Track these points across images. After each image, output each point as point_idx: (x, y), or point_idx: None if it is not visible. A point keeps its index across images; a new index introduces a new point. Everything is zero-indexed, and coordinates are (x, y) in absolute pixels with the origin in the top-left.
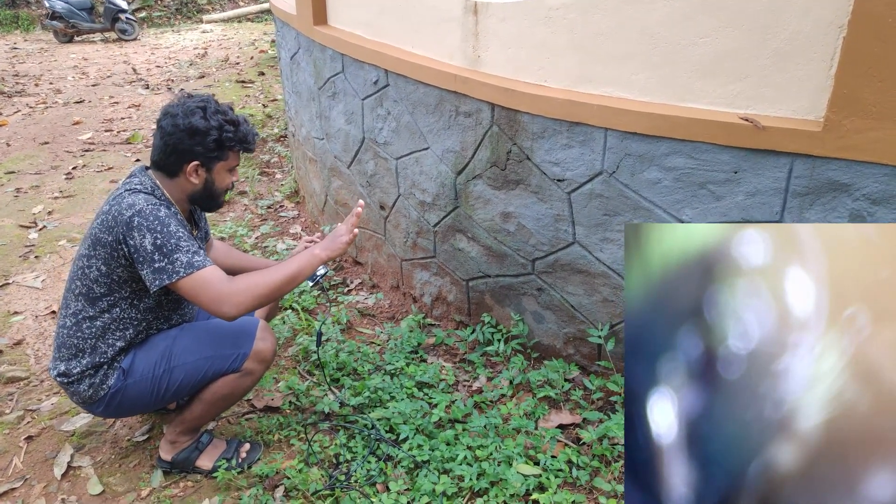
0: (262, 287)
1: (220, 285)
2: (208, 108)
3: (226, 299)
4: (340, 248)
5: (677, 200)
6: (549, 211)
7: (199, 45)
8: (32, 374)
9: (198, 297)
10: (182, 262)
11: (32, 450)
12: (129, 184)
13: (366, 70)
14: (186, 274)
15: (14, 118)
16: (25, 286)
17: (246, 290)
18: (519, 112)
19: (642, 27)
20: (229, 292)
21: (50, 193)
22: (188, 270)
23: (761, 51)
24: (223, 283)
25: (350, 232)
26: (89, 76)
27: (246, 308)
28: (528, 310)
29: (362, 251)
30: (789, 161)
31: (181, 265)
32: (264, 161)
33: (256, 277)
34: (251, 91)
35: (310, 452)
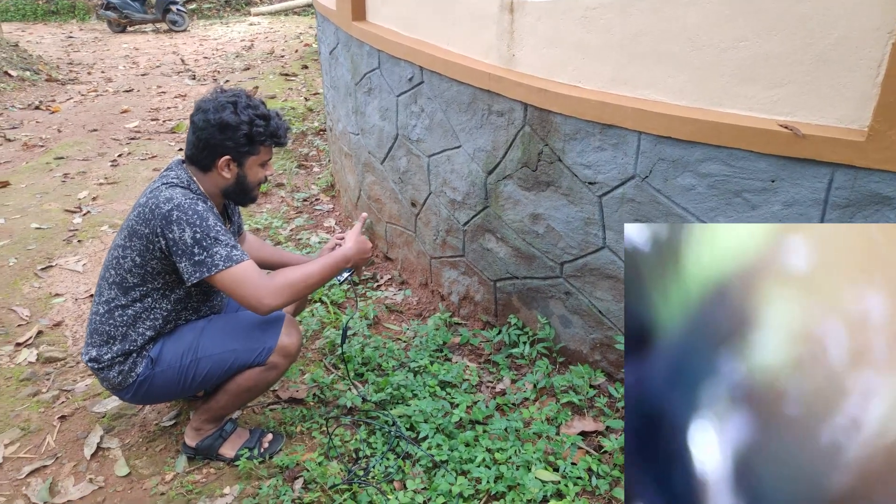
0: (298, 283)
1: (257, 280)
2: (239, 102)
3: (263, 293)
4: (367, 255)
5: (711, 208)
6: (579, 214)
7: (246, 38)
8: (69, 355)
9: (234, 291)
10: (221, 255)
11: (65, 429)
12: (166, 177)
13: (401, 67)
14: (225, 267)
15: (66, 105)
16: (67, 269)
17: (282, 285)
18: (552, 113)
19: (680, 29)
20: (266, 287)
21: (95, 179)
22: (227, 264)
23: (804, 56)
24: (261, 278)
25: (361, 241)
26: (139, 66)
27: (282, 303)
28: (556, 313)
29: (393, 247)
30: (830, 171)
31: (220, 258)
32: (303, 154)
33: (292, 273)
34: (294, 84)
35: (330, 446)
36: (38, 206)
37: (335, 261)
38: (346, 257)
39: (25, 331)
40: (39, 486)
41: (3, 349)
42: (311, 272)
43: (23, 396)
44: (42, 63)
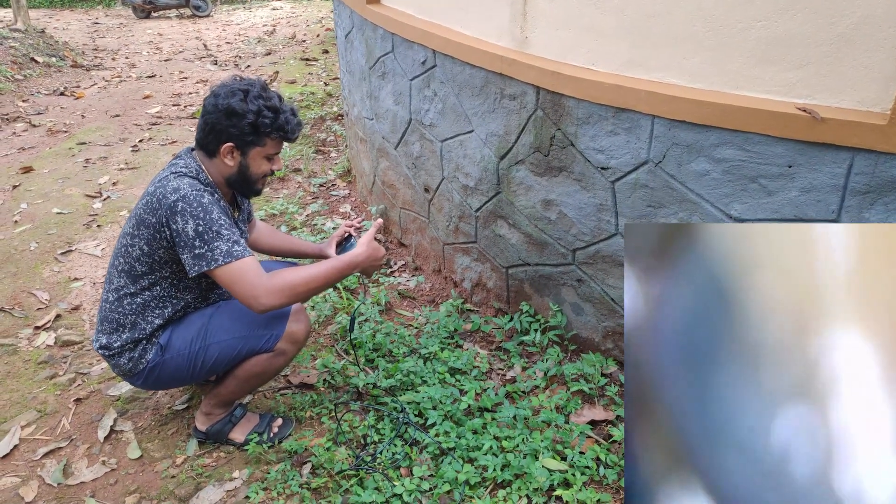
0: (298, 286)
1: (255, 278)
2: (251, 91)
3: (260, 292)
4: (378, 264)
5: (726, 194)
6: (591, 200)
7: (268, 23)
8: (86, 338)
9: (232, 287)
10: (221, 250)
11: (80, 412)
12: (175, 166)
13: (414, 50)
14: (224, 262)
15: (90, 91)
16: (87, 254)
17: (281, 286)
18: (564, 96)
19: (696, 9)
20: (263, 286)
21: (116, 165)
22: (227, 259)
23: (824, 36)
24: (259, 276)
25: (374, 247)
26: (162, 51)
27: (279, 304)
28: (567, 301)
29: (407, 233)
30: (850, 156)
31: (220, 253)
32: (320, 139)
33: (293, 274)
34: (314, 69)
35: (339, 432)
36: (59, 191)
37: (342, 266)
38: (355, 263)
39: (44, 314)
40: (54, 468)
41: (22, 332)
42: (315, 276)
43: (40, 379)
44: (68, 49)
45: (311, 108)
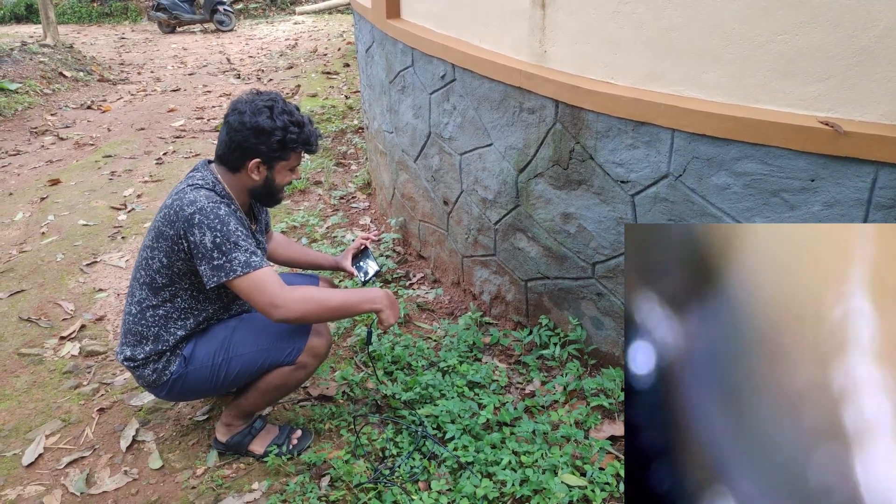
0: (314, 300)
1: (274, 288)
2: (275, 107)
3: (279, 302)
4: (392, 319)
5: (747, 208)
6: (611, 213)
7: (290, 37)
8: (110, 349)
9: (251, 297)
10: (240, 261)
11: (103, 421)
12: (192, 178)
13: (434, 64)
14: (243, 273)
15: (116, 104)
16: (111, 265)
17: (299, 298)
18: (583, 110)
19: (716, 22)
20: (282, 296)
21: (141, 177)
22: (245, 270)
23: (846, 49)
24: (278, 287)
25: (395, 301)
26: (187, 65)
27: (294, 315)
28: (587, 315)
29: (426, 245)
30: (873, 170)
31: (239, 264)
32: (341, 152)
33: (313, 292)
34: (335, 82)
35: (357, 444)
36: (85, 203)
37: (360, 298)
38: (375, 299)
39: (69, 325)
40: (77, 477)
41: (48, 342)
42: (332, 296)
43: (65, 389)
44: (95, 64)
45: (331, 122)
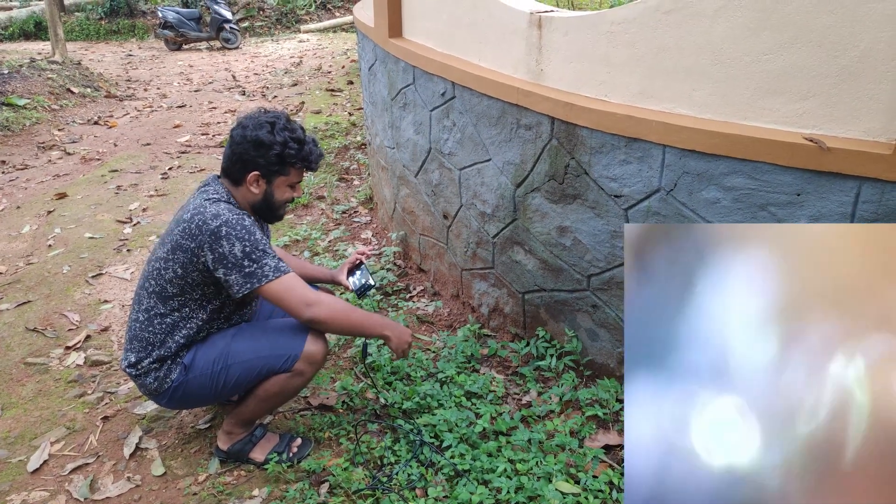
0: (342, 313)
1: (305, 289)
2: (277, 123)
3: (312, 301)
4: (405, 342)
5: (736, 222)
6: (605, 227)
7: (295, 54)
8: (114, 358)
9: (282, 298)
10: (271, 266)
11: (107, 429)
12: (206, 192)
13: (434, 82)
14: (275, 277)
15: (123, 120)
16: (116, 277)
17: (331, 302)
18: (578, 126)
19: (704, 42)
20: (315, 297)
21: (146, 192)
22: (276, 274)
23: (829, 68)
24: (307, 289)
25: (406, 331)
26: (193, 82)
27: (324, 317)
28: (583, 326)
29: (426, 258)
30: (857, 185)
31: (270, 269)
32: (344, 168)
33: (341, 301)
34: (339, 99)
35: (356, 452)
36: (92, 216)
37: (376, 320)
38: (386, 325)
39: (75, 335)
40: (81, 483)
41: (54, 352)
42: (355, 310)
43: (70, 397)
44: (102, 80)
45: (335, 138)
